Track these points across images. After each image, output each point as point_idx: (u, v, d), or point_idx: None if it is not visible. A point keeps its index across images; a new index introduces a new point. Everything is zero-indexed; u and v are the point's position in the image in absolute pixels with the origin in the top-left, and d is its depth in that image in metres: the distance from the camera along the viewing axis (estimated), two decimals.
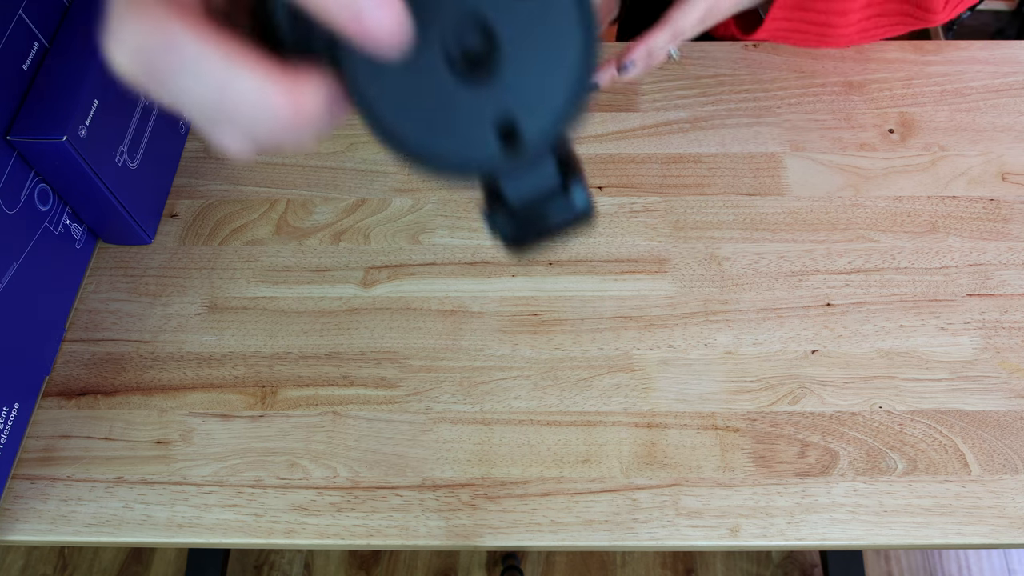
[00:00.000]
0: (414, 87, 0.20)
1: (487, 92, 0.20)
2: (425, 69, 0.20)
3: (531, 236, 0.23)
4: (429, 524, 0.59)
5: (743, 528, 0.58)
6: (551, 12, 0.20)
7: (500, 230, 0.23)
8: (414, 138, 0.21)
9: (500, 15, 0.20)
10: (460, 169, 0.21)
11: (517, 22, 0.20)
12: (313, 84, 0.19)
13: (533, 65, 0.20)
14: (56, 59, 0.64)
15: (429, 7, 0.19)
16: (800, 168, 0.76)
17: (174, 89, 0.18)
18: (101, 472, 0.61)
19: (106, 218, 0.69)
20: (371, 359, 0.66)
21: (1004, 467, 0.60)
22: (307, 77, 0.19)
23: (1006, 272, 0.69)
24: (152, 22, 0.18)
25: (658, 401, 0.63)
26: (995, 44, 0.84)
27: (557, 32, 0.20)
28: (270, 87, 0.18)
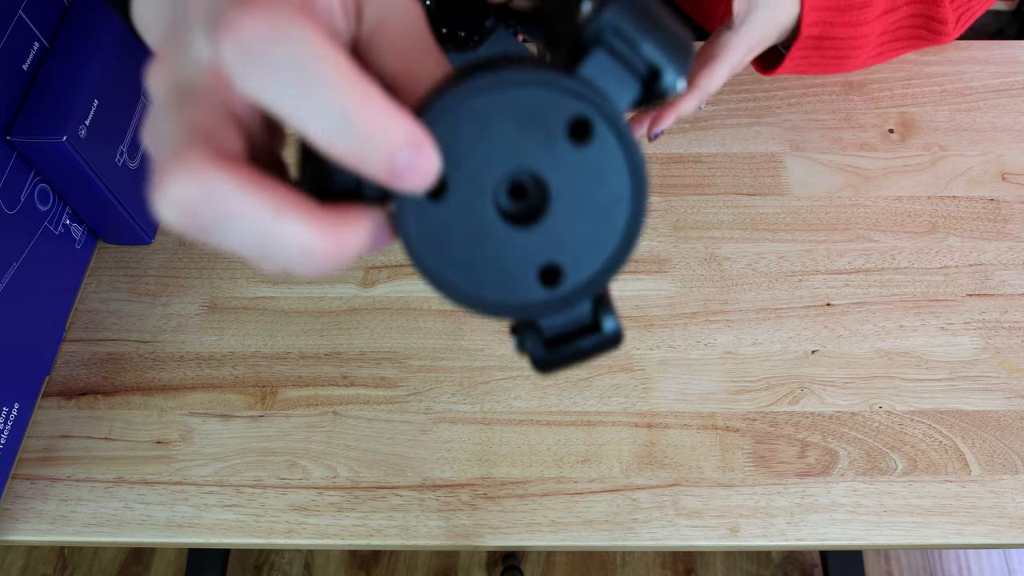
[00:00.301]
0: (462, 229, 0.20)
1: (534, 238, 0.21)
2: (474, 213, 0.20)
3: (560, 361, 0.23)
4: (429, 524, 0.59)
5: (743, 528, 0.58)
6: (604, 167, 0.20)
7: (529, 352, 0.23)
8: (458, 280, 0.21)
9: (553, 168, 0.20)
10: (501, 311, 0.21)
11: (569, 173, 0.20)
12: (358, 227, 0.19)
13: (582, 215, 0.21)
14: (56, 59, 0.64)
15: (483, 158, 0.20)
16: (800, 168, 0.76)
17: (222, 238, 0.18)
18: (101, 472, 0.61)
19: (106, 218, 0.69)
20: (371, 359, 0.66)
21: (1004, 467, 0.60)
22: (352, 220, 0.19)
23: (1006, 272, 0.69)
24: (198, 179, 0.18)
25: (658, 401, 0.63)
26: (995, 44, 0.84)
27: (608, 186, 0.20)
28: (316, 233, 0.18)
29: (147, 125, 0.20)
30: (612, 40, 0.20)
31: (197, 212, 0.18)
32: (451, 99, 0.19)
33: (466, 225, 0.20)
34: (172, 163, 0.18)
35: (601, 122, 0.20)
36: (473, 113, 0.19)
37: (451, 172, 0.20)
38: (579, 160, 0.20)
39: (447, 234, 0.20)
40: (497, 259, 0.21)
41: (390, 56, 0.21)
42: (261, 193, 0.18)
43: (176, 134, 0.19)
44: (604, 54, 0.21)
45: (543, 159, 0.20)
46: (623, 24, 0.20)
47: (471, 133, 0.20)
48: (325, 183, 0.20)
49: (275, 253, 0.19)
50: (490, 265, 0.21)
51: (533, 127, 0.20)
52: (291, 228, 0.18)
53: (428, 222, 0.20)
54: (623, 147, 0.20)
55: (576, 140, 0.20)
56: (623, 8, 0.21)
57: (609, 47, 0.20)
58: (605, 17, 0.20)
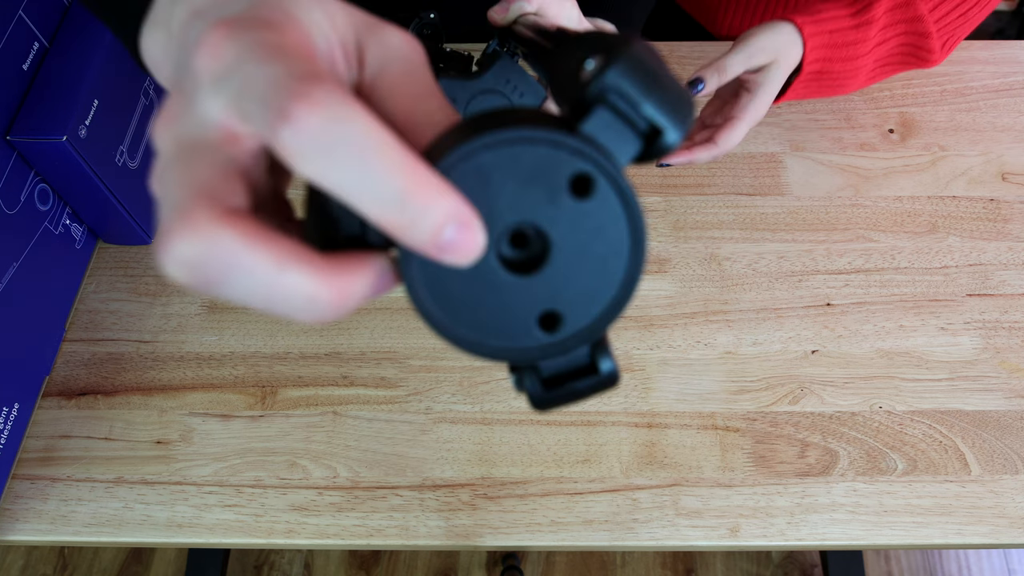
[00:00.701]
0: (465, 277, 0.21)
1: (535, 286, 0.22)
2: (477, 264, 0.21)
3: (557, 400, 0.24)
4: (429, 524, 0.59)
5: (743, 528, 0.58)
6: (604, 220, 0.21)
7: (527, 391, 0.24)
8: (460, 326, 0.22)
9: (555, 221, 0.21)
10: (502, 355, 0.22)
11: (570, 226, 0.21)
12: (360, 277, 0.20)
13: (582, 265, 0.22)
14: (56, 59, 0.64)
15: (487, 210, 0.21)
16: (800, 168, 0.76)
17: (227, 292, 0.19)
18: (101, 472, 0.61)
19: (106, 218, 0.69)
20: (371, 359, 0.66)
21: (1004, 467, 0.60)
22: (354, 270, 0.20)
23: (1006, 272, 0.69)
24: (203, 238, 0.18)
25: (658, 401, 0.63)
26: (995, 44, 0.84)
27: (608, 238, 0.21)
28: (319, 284, 0.19)
29: (154, 177, 0.20)
30: (615, 100, 0.21)
31: (202, 269, 0.18)
32: (459, 154, 0.20)
33: (469, 273, 0.21)
34: (177, 222, 0.18)
35: (602, 179, 0.21)
36: (480, 168, 0.20)
37: None
38: (580, 213, 0.21)
39: (450, 281, 0.21)
40: (498, 306, 0.22)
41: (392, 100, 0.22)
42: (264, 248, 0.18)
43: (181, 192, 0.19)
44: (607, 112, 0.21)
45: (545, 213, 0.21)
46: (625, 85, 0.21)
47: (477, 186, 0.20)
48: (331, 229, 0.21)
49: (280, 304, 0.19)
50: (492, 311, 0.22)
51: (537, 182, 0.21)
52: (294, 280, 0.19)
53: (431, 269, 0.21)
54: (623, 203, 0.21)
55: (578, 195, 0.21)
56: (626, 69, 0.21)
57: (612, 106, 0.21)
58: (608, 78, 0.21)
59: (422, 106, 0.22)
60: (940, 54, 0.67)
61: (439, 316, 0.21)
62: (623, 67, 0.21)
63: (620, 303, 0.22)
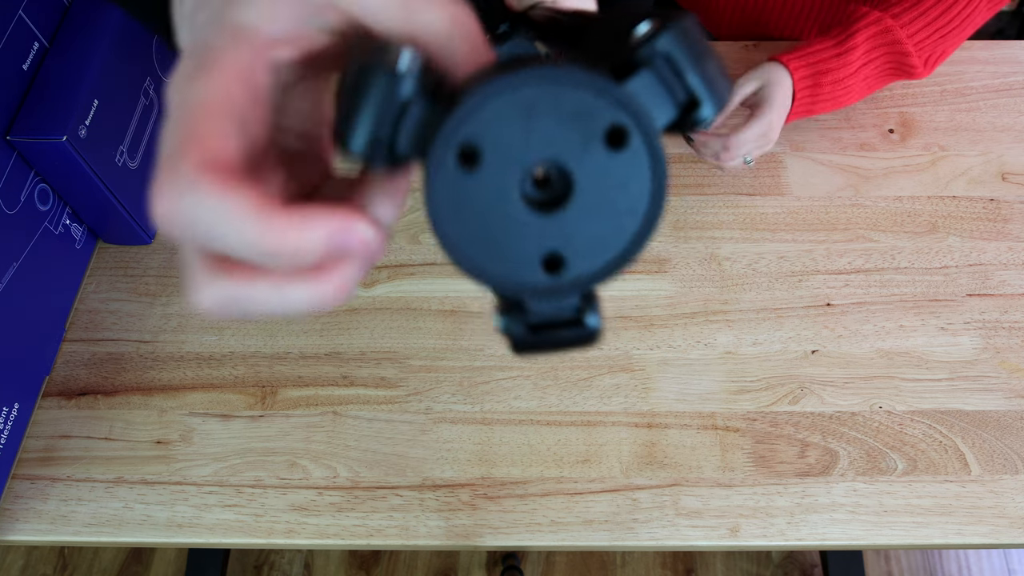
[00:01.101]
0: (484, 202, 0.22)
1: (547, 225, 0.22)
2: (500, 190, 0.22)
3: (538, 347, 0.24)
4: (429, 524, 0.59)
5: (743, 528, 0.58)
6: (630, 176, 0.22)
7: (510, 334, 0.24)
8: (467, 247, 0.22)
9: (582, 166, 0.22)
10: (500, 285, 0.23)
11: (596, 175, 0.22)
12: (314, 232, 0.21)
13: (597, 215, 0.22)
14: (56, 59, 0.64)
15: (521, 142, 0.21)
16: (800, 168, 0.76)
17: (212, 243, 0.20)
18: (101, 472, 0.61)
19: (106, 218, 0.69)
20: (371, 359, 0.66)
21: (1004, 467, 0.60)
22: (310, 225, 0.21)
23: (1006, 272, 0.69)
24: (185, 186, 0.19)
25: (658, 401, 0.63)
26: (995, 44, 0.84)
27: (629, 194, 0.22)
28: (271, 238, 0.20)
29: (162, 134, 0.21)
30: (661, 65, 0.22)
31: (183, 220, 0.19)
32: (505, 82, 0.21)
33: (489, 199, 0.22)
34: (162, 174, 0.20)
35: (638, 135, 0.21)
36: (523, 100, 0.21)
37: (488, 148, 0.21)
38: (608, 164, 0.22)
39: (469, 202, 0.22)
40: (509, 238, 0.22)
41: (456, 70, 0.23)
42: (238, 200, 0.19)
43: (172, 143, 0.20)
44: (651, 75, 0.22)
45: (576, 156, 0.21)
46: (675, 51, 0.22)
47: (516, 117, 0.21)
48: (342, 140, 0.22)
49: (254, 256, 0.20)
50: (502, 242, 0.22)
51: (575, 125, 0.21)
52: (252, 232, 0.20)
53: (454, 187, 0.21)
54: (653, 162, 0.22)
55: (611, 145, 0.21)
56: (678, 37, 0.22)
57: (657, 70, 0.22)
58: (660, 42, 0.22)
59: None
60: (924, 69, 0.73)
61: (451, 234, 0.22)
62: (676, 34, 0.22)
63: (624, 260, 0.22)
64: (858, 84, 0.72)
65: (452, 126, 0.21)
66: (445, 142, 0.21)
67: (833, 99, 0.72)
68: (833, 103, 0.73)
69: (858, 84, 0.72)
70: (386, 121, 0.21)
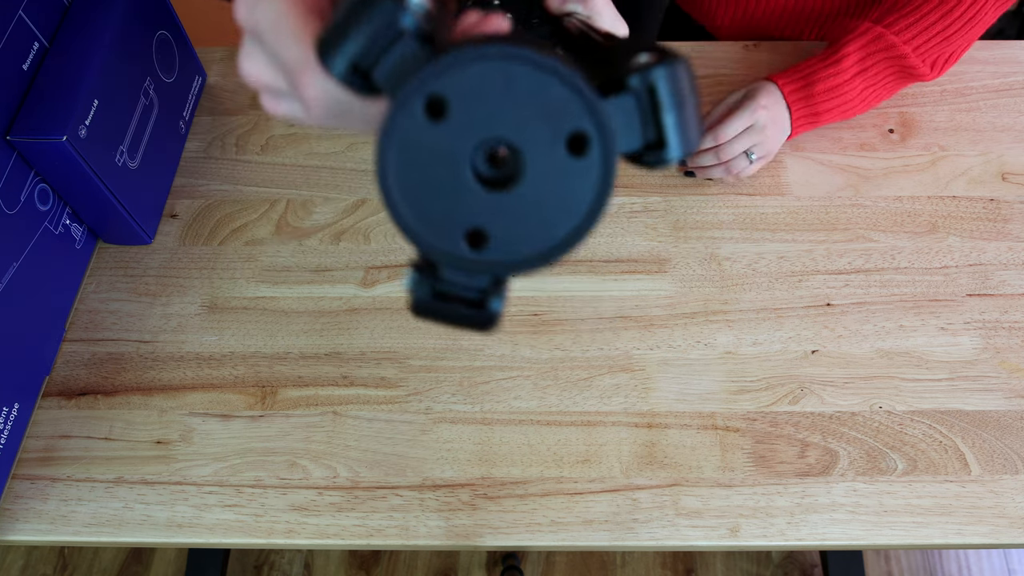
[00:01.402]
0: (434, 157, 0.22)
1: (485, 201, 0.22)
2: (452, 151, 0.22)
3: (436, 315, 0.25)
4: (429, 524, 0.59)
5: (743, 528, 0.58)
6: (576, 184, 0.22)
7: (414, 292, 0.24)
8: (404, 199, 0.22)
9: (538, 157, 0.22)
10: (419, 242, 0.23)
11: (547, 170, 0.22)
12: None
13: (534, 209, 0.22)
14: (56, 59, 0.64)
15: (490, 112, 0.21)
16: (800, 168, 0.76)
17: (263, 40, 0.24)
18: (101, 472, 0.61)
19: (106, 218, 0.69)
20: (371, 359, 0.66)
21: (1004, 467, 0.60)
22: None
23: (1006, 272, 0.69)
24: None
25: (658, 401, 0.63)
26: (995, 44, 0.84)
27: (569, 201, 0.22)
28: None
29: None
30: (643, 95, 0.22)
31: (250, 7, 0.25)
32: (498, 51, 0.21)
33: (440, 156, 0.22)
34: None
35: (598, 149, 0.22)
36: (508, 74, 0.21)
37: (457, 107, 0.21)
38: (562, 166, 0.22)
39: (421, 153, 0.22)
40: (445, 199, 0.22)
41: None
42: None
43: None
44: (631, 101, 0.22)
45: (535, 147, 0.22)
46: (661, 87, 0.22)
47: (495, 88, 0.21)
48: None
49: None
50: (437, 200, 0.22)
51: (546, 117, 0.21)
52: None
53: (412, 133, 0.22)
54: (602, 179, 0.22)
55: (571, 150, 0.22)
56: (672, 75, 0.23)
57: (638, 99, 0.22)
58: (651, 74, 0.22)
59: None
60: (932, 72, 0.73)
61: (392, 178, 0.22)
62: (668, 72, 0.22)
63: (543, 260, 0.23)
64: (857, 92, 0.72)
65: (432, 71, 0.21)
66: (420, 84, 0.21)
67: (834, 107, 0.73)
68: (837, 111, 0.73)
69: (857, 92, 0.72)
70: (374, 47, 0.22)
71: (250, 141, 0.79)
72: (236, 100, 0.82)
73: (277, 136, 0.80)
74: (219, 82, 0.84)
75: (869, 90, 0.73)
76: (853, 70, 0.72)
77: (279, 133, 0.80)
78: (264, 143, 0.79)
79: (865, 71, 0.72)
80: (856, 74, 0.72)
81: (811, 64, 0.72)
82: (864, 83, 0.73)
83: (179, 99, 0.78)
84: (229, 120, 0.81)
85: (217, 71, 0.85)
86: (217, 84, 0.84)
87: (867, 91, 0.73)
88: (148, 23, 0.72)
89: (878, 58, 0.72)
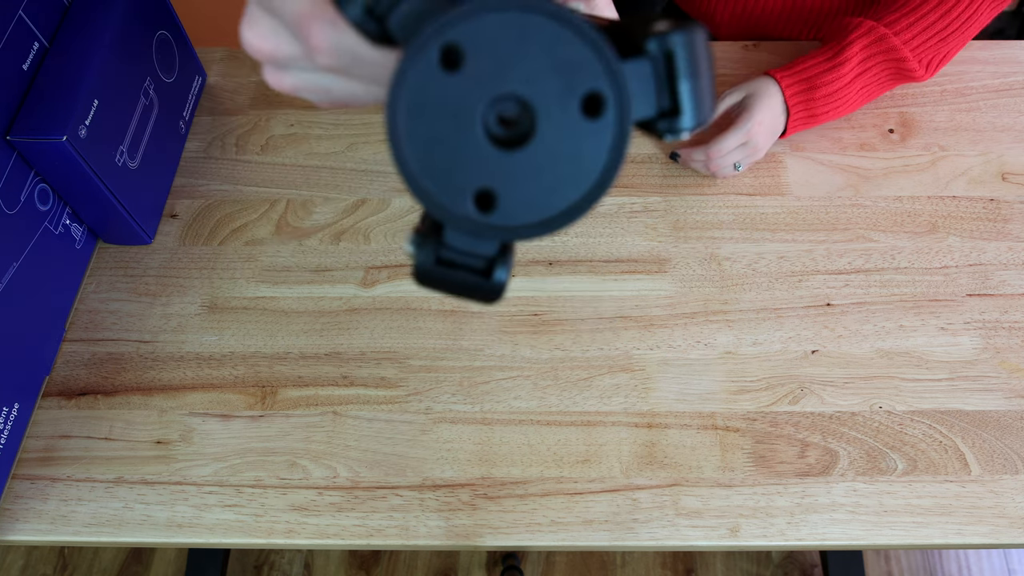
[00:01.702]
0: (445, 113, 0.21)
1: (496, 161, 0.21)
2: (464, 107, 0.21)
3: (439, 282, 0.24)
4: (429, 524, 0.59)
5: (743, 528, 0.58)
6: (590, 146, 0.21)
7: (417, 258, 0.24)
8: (414, 154, 0.22)
9: (550, 117, 0.21)
10: (426, 200, 0.22)
11: (559, 131, 0.21)
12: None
13: (546, 171, 0.21)
14: (56, 59, 0.64)
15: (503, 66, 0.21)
16: (800, 168, 0.76)
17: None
18: (101, 472, 0.61)
19: (106, 218, 0.69)
20: (371, 359, 0.66)
21: (1004, 467, 0.60)
22: None
23: (1006, 272, 0.69)
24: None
25: (658, 401, 0.63)
26: (995, 44, 0.84)
27: (581, 163, 0.21)
28: None
29: None
30: (660, 60, 0.22)
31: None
32: (518, 1, 0.20)
33: (453, 109, 0.21)
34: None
35: (614, 111, 0.21)
36: (526, 26, 0.20)
37: (471, 58, 0.21)
38: (575, 127, 0.21)
39: (433, 105, 0.21)
40: (456, 156, 0.21)
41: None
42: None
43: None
44: (648, 67, 0.22)
45: (549, 105, 0.21)
46: (680, 54, 0.22)
47: (511, 40, 0.20)
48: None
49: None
50: (447, 157, 0.21)
51: (561, 74, 0.21)
52: None
53: (425, 83, 0.21)
54: (616, 142, 0.21)
55: (585, 111, 0.21)
56: (689, 42, 0.22)
57: (655, 64, 0.22)
58: (671, 39, 0.22)
59: None
60: (926, 72, 0.73)
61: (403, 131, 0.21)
62: (688, 39, 0.22)
63: (553, 225, 0.22)
64: (855, 94, 0.73)
65: (448, 20, 0.20)
66: (436, 32, 0.20)
67: (832, 110, 0.73)
68: (833, 113, 0.73)
69: (855, 94, 0.73)
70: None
71: (250, 141, 0.79)
72: (236, 100, 0.82)
73: (277, 136, 0.80)
74: (219, 82, 0.84)
75: (865, 90, 0.74)
76: (854, 72, 0.72)
77: (279, 133, 0.80)
78: (264, 143, 0.79)
79: (864, 73, 0.73)
80: (856, 76, 0.72)
81: (814, 65, 0.72)
82: (862, 84, 0.73)
83: (179, 99, 0.78)
84: (229, 120, 0.81)
85: (217, 71, 0.85)
86: (217, 84, 0.84)
87: (863, 91, 0.74)
88: (148, 23, 0.72)
89: (877, 60, 0.72)
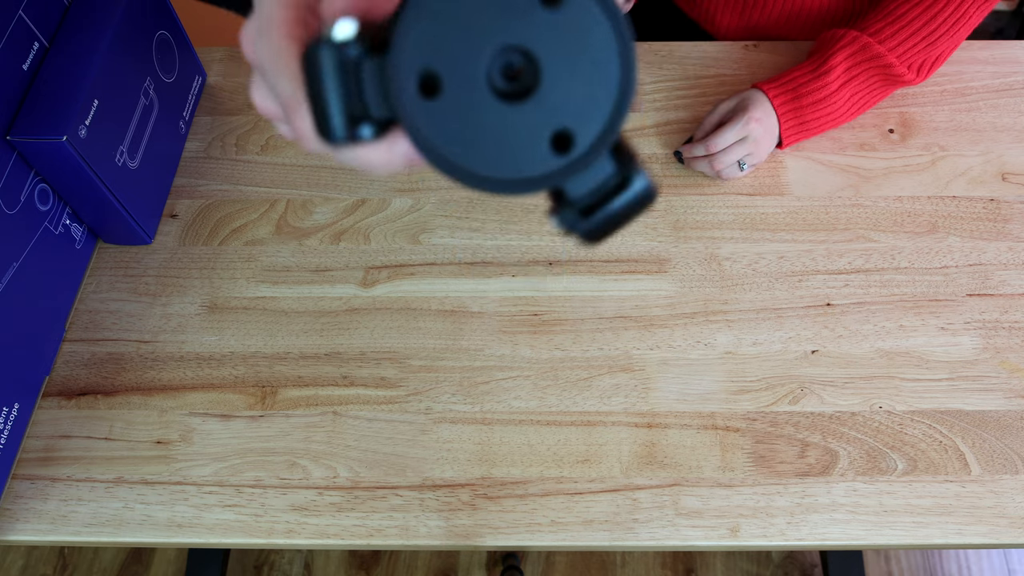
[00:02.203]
0: (467, 118, 0.21)
1: (536, 110, 0.21)
2: (474, 100, 0.21)
3: (601, 228, 0.24)
4: (429, 524, 0.59)
5: (743, 528, 0.58)
6: (585, 26, 0.21)
7: (570, 227, 0.24)
8: (476, 166, 0.22)
9: (535, 38, 0.21)
10: (526, 187, 0.22)
11: (552, 40, 0.21)
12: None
13: (575, 77, 0.21)
14: (56, 59, 0.64)
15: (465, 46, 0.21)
16: (800, 168, 0.76)
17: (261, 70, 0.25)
18: (101, 472, 0.61)
19: (106, 218, 0.69)
20: (371, 359, 0.66)
21: (1004, 467, 0.60)
22: None
23: (1006, 272, 0.69)
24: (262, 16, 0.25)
25: (658, 401, 0.63)
26: (995, 44, 0.84)
27: (593, 44, 0.21)
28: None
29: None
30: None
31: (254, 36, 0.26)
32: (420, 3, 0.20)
33: (469, 112, 0.21)
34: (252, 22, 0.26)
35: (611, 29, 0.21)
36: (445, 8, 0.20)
37: (440, 67, 0.21)
38: (559, 24, 0.21)
39: (455, 125, 0.21)
40: (507, 138, 0.21)
41: None
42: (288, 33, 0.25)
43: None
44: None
45: (523, 31, 0.21)
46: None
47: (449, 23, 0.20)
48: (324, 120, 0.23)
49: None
50: (502, 145, 0.21)
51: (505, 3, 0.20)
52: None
53: (435, 119, 0.21)
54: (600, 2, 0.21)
55: (548, 4, 0.21)
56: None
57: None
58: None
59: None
60: (917, 76, 0.74)
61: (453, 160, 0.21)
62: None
63: (623, 104, 0.22)
64: (844, 102, 0.73)
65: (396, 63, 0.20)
66: (400, 84, 0.20)
67: (822, 117, 0.74)
68: (826, 120, 0.74)
69: (844, 102, 0.73)
70: (351, 94, 0.21)
71: (250, 141, 0.79)
72: (236, 100, 0.82)
73: (277, 136, 0.80)
74: (219, 82, 0.84)
75: (856, 98, 0.74)
76: (840, 80, 0.72)
77: (279, 133, 0.80)
78: (264, 143, 0.79)
79: (852, 80, 0.73)
80: (843, 84, 0.73)
81: (800, 76, 0.73)
82: (851, 92, 0.73)
83: (179, 99, 0.78)
84: (229, 120, 0.81)
85: (217, 71, 0.85)
86: (217, 84, 0.84)
87: (854, 99, 0.74)
88: (148, 23, 0.72)
89: (864, 67, 0.73)
